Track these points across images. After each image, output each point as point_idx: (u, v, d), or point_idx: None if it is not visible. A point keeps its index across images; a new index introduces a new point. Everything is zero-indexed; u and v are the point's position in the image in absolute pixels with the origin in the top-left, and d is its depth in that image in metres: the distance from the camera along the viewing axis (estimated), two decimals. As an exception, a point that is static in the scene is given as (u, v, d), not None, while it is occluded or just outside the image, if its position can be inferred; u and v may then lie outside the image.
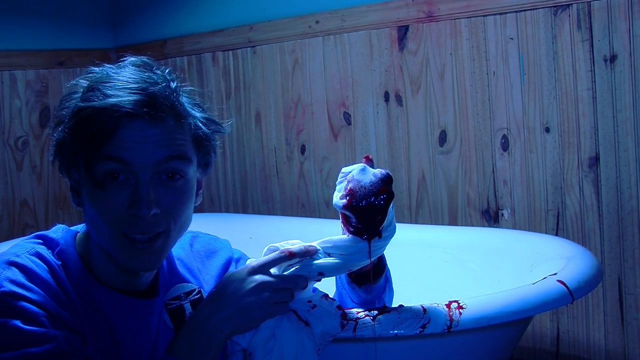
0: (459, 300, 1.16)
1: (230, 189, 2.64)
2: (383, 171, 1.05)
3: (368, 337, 1.09)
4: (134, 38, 2.90)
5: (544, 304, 1.26)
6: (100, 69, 1.02)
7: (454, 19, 2.04)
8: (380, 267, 1.12)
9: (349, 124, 2.29)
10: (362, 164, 1.06)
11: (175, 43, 2.75)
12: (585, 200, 1.87)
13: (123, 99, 0.95)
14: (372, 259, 1.05)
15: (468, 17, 2.01)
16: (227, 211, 2.64)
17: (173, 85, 1.01)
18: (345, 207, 1.03)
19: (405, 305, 1.12)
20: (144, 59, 1.04)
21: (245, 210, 2.59)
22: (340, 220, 1.07)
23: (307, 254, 1.05)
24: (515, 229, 1.97)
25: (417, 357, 1.25)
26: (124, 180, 0.97)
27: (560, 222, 1.91)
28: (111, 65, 1.03)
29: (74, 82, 1.03)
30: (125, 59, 1.04)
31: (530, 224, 1.96)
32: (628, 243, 1.82)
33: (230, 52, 2.58)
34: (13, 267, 0.96)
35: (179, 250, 1.17)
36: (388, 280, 1.16)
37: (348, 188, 1.04)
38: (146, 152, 0.97)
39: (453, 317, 1.12)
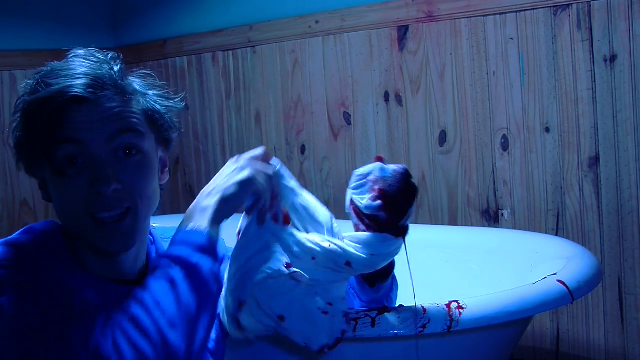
0: (459, 300, 1.16)
1: (230, 189, 2.63)
2: (401, 166, 1.06)
3: (369, 337, 1.09)
4: (134, 38, 2.90)
5: (544, 304, 1.26)
6: (47, 65, 1.05)
7: (454, 19, 2.04)
8: (391, 266, 1.13)
9: (349, 124, 2.29)
10: (379, 164, 1.06)
11: (175, 43, 2.75)
12: (585, 200, 1.87)
13: (66, 84, 0.99)
14: (380, 267, 1.05)
15: (468, 17, 2.01)
16: (227, 211, 2.64)
17: (116, 67, 1.06)
18: (381, 208, 1.02)
19: (405, 305, 1.13)
20: (91, 50, 1.08)
21: (245, 210, 2.58)
22: (356, 221, 1.06)
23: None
24: (515, 229, 1.97)
25: (417, 357, 1.25)
26: (83, 163, 1.00)
27: (560, 222, 1.91)
28: (58, 61, 1.06)
29: (23, 84, 1.06)
30: (70, 52, 1.07)
31: (530, 224, 1.96)
32: (628, 243, 1.82)
33: (230, 52, 2.58)
34: (4, 246, 0.98)
35: None
36: (394, 276, 1.16)
37: (377, 189, 1.03)
38: (97, 129, 1.00)
39: (453, 317, 1.12)
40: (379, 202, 1.02)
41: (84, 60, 1.04)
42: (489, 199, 2.03)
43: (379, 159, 1.07)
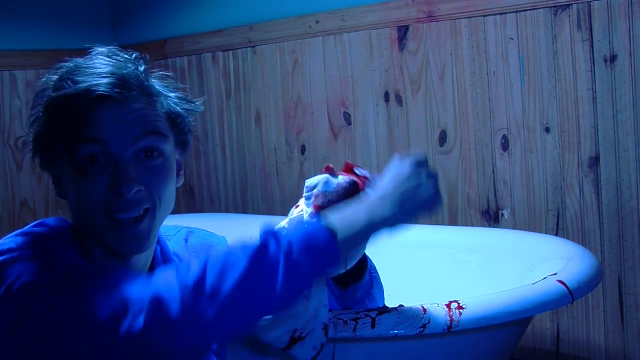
0: (459, 300, 1.16)
1: (230, 189, 2.64)
2: (347, 179, 1.03)
3: (368, 337, 1.09)
4: (134, 38, 2.90)
5: (544, 304, 1.26)
6: (70, 61, 1.05)
7: (454, 19, 2.04)
8: (363, 265, 1.12)
9: (349, 124, 2.29)
10: (325, 176, 1.04)
11: (175, 43, 2.75)
12: (585, 200, 1.87)
13: (93, 82, 0.98)
14: (348, 267, 1.03)
15: (468, 17, 2.01)
16: (227, 211, 2.64)
17: (141, 68, 1.05)
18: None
19: (405, 305, 1.13)
20: (113, 48, 1.07)
21: (245, 210, 2.59)
22: None
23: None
24: (515, 229, 1.97)
25: (417, 357, 1.25)
26: (104, 162, 0.99)
27: (560, 222, 1.91)
28: (81, 58, 1.05)
29: (45, 79, 1.05)
30: (93, 50, 1.06)
31: (530, 224, 1.96)
32: (628, 243, 1.82)
33: (230, 52, 2.58)
34: (21, 236, 0.98)
35: (174, 245, 1.18)
36: (374, 276, 1.16)
37: (316, 205, 1.02)
38: (122, 130, 0.99)
39: (453, 317, 1.12)
40: (315, 218, 0.99)
41: (108, 59, 1.03)
42: (489, 199, 2.03)
43: (328, 170, 1.05)
